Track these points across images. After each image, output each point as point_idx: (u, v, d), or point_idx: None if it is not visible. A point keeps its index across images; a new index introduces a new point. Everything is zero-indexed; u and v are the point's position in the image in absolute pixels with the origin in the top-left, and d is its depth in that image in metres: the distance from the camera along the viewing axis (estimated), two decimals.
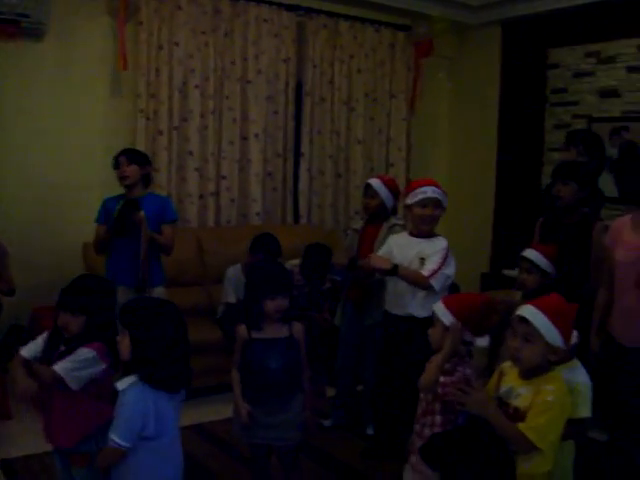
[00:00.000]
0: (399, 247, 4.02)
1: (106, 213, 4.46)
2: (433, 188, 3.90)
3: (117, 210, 4.28)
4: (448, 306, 2.91)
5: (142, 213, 4.24)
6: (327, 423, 4.75)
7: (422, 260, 3.87)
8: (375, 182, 4.51)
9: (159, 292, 4.41)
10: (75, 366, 2.78)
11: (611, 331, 3.48)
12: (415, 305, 3.89)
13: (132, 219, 4.23)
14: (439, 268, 3.81)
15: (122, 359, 2.56)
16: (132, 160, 4.45)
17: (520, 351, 2.58)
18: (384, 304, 4.17)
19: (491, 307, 2.98)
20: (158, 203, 4.53)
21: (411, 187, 4.01)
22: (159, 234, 4.42)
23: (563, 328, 2.55)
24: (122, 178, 4.43)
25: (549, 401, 2.50)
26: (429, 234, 3.96)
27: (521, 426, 2.49)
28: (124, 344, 2.51)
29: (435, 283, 3.80)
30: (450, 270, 3.87)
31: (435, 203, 3.91)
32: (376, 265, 3.89)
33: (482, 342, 2.95)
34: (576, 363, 2.90)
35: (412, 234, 4.02)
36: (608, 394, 3.42)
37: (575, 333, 2.72)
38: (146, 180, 4.56)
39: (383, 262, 3.87)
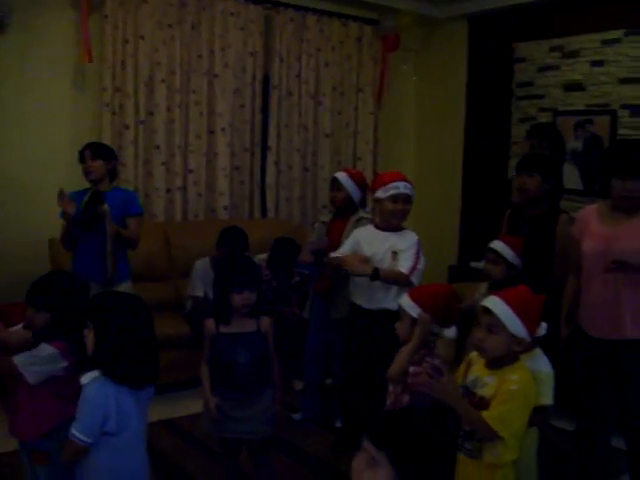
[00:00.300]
0: (367, 241, 4.00)
1: None
2: (405, 183, 3.90)
3: (83, 202, 4.24)
4: (414, 298, 2.93)
5: (106, 206, 4.20)
6: (297, 417, 4.76)
7: (394, 254, 3.86)
8: (341, 175, 4.52)
9: (126, 287, 4.37)
10: (34, 361, 2.76)
11: (579, 322, 3.52)
12: (389, 299, 3.85)
13: (97, 212, 4.19)
14: (415, 264, 3.82)
15: (88, 353, 2.53)
16: (97, 155, 4.39)
17: (484, 341, 2.61)
18: (350, 297, 4.16)
19: (456, 297, 3.01)
20: (123, 197, 4.48)
21: (381, 181, 3.98)
22: (124, 228, 4.39)
23: (527, 319, 2.58)
24: (87, 173, 4.37)
25: (512, 390, 2.53)
26: (398, 228, 3.96)
27: (484, 414, 2.51)
28: (89, 338, 2.49)
29: (414, 280, 3.79)
30: (422, 264, 3.88)
31: (406, 198, 3.91)
32: (355, 271, 3.85)
33: (450, 333, 2.97)
34: (538, 352, 2.93)
35: (379, 227, 4.00)
36: (573, 383, 3.48)
37: (543, 324, 2.73)
38: (112, 174, 4.51)
39: (362, 268, 3.81)
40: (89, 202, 4.22)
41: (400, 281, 3.80)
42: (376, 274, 3.77)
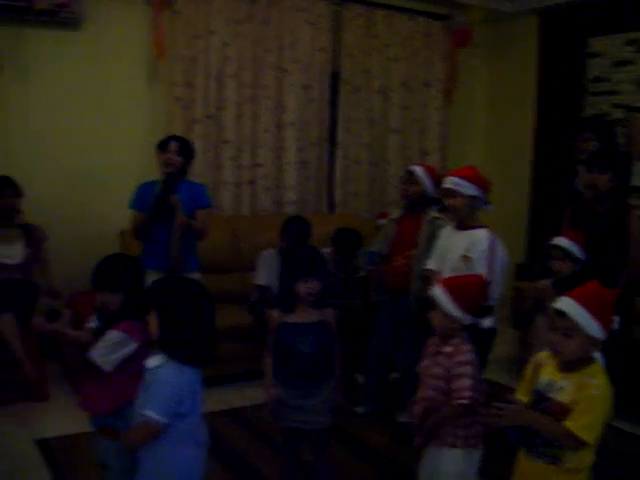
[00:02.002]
0: (444, 246, 3.92)
1: (140, 199, 4.49)
2: (452, 178, 3.80)
3: (158, 187, 4.31)
4: (447, 290, 2.91)
5: (177, 196, 4.27)
6: (359, 410, 4.76)
7: (465, 259, 3.71)
8: (418, 169, 4.47)
9: (194, 278, 4.44)
10: (107, 351, 2.83)
11: None
12: None
13: (168, 201, 4.26)
14: (490, 266, 3.62)
15: (153, 337, 2.59)
16: (182, 151, 4.48)
17: (560, 345, 2.50)
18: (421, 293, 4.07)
19: (487, 287, 2.97)
20: (192, 190, 4.55)
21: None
22: (193, 220, 4.45)
23: (603, 318, 2.48)
24: (167, 164, 4.43)
25: (596, 396, 2.43)
26: (469, 225, 3.81)
27: (569, 425, 2.41)
28: (153, 322, 2.55)
29: (493, 283, 3.61)
30: (501, 260, 3.69)
31: (449, 193, 3.80)
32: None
33: (487, 323, 2.93)
34: None
35: (455, 226, 3.91)
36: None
37: (616, 318, 2.63)
38: (183, 171, 4.59)
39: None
40: (161, 190, 4.29)
41: None
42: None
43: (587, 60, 6.45)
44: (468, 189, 3.74)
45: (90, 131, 5.55)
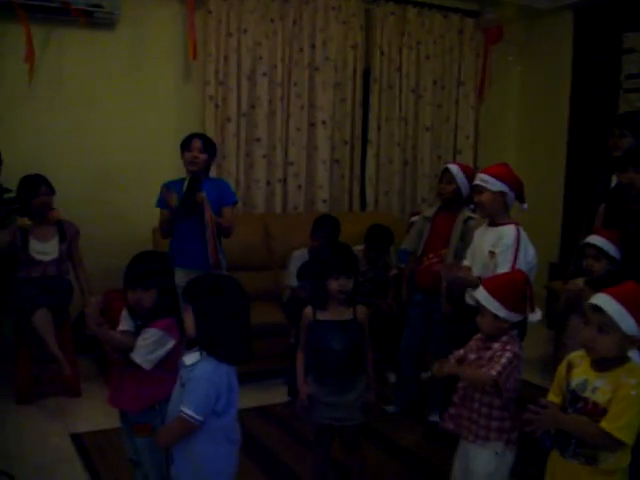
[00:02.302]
0: (475, 245, 3.90)
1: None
2: (481, 175, 3.77)
3: (181, 190, 4.31)
4: (492, 292, 2.88)
5: (204, 193, 4.29)
6: (390, 409, 4.75)
7: (491, 254, 3.67)
8: (453, 168, 4.42)
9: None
10: (146, 351, 2.85)
11: None
12: None
13: (195, 199, 4.28)
14: (513, 263, 3.56)
15: (188, 335, 2.60)
16: (206, 148, 4.49)
17: (594, 341, 2.46)
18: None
19: (530, 282, 2.93)
20: (217, 186, 4.56)
21: None
22: (219, 217, 4.46)
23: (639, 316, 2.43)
24: (191, 163, 4.43)
25: (633, 396, 2.38)
26: (499, 222, 3.75)
27: (606, 426, 2.37)
28: (189, 320, 2.56)
29: None
30: (525, 259, 3.62)
31: (477, 189, 3.76)
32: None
33: (534, 317, 2.90)
34: None
35: (487, 224, 3.87)
36: None
37: None
38: (207, 168, 4.60)
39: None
40: (188, 189, 4.31)
41: None
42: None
43: (622, 56, 6.37)
44: (495, 185, 3.68)
45: (124, 130, 5.61)
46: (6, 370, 4.83)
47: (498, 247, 3.65)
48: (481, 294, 2.91)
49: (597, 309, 2.46)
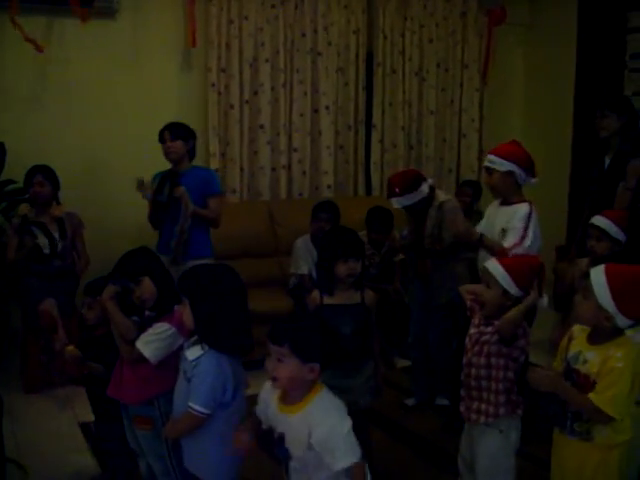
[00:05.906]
0: (487, 223, 3.93)
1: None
2: (490, 156, 3.78)
3: (155, 184, 4.40)
4: (508, 270, 2.84)
5: (182, 188, 4.29)
6: (410, 402, 4.63)
7: (503, 232, 3.71)
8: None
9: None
10: (154, 338, 2.84)
11: None
12: None
13: (173, 194, 4.29)
14: (520, 241, 3.62)
15: (187, 328, 2.58)
16: (176, 135, 4.49)
17: (579, 305, 2.55)
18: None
19: (543, 268, 2.92)
20: (202, 176, 4.57)
21: None
22: (205, 207, 4.46)
23: (626, 297, 2.44)
24: (167, 153, 4.49)
25: (619, 368, 2.40)
26: (512, 201, 3.77)
27: (593, 398, 2.41)
28: (186, 313, 2.54)
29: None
30: (532, 239, 3.65)
31: (486, 171, 3.80)
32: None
33: (543, 302, 2.88)
34: None
35: (499, 203, 3.89)
36: None
37: None
38: (191, 154, 4.60)
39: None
40: (162, 184, 4.36)
41: (497, 253, 3.60)
42: (481, 240, 3.76)
43: (627, 36, 6.31)
44: (502, 165, 3.70)
45: (125, 119, 5.59)
46: (15, 360, 4.84)
47: (509, 224, 3.68)
48: (495, 268, 2.86)
49: (586, 276, 2.53)
